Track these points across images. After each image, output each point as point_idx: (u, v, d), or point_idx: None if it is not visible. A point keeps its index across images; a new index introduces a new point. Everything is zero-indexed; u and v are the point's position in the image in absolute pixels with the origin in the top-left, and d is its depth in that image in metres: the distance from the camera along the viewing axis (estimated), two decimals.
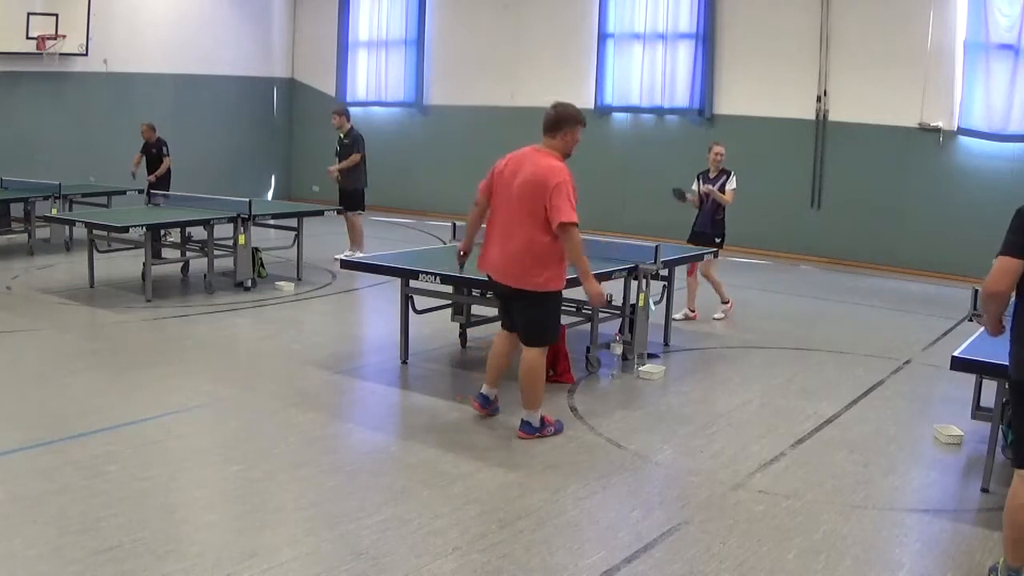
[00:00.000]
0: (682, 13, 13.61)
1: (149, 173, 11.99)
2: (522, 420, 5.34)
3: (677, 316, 8.26)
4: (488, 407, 5.62)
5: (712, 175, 8.42)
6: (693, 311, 8.67)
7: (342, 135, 11.29)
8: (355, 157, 11.06)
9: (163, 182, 11.94)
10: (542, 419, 5.33)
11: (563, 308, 7.26)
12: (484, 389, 5.62)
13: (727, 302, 8.71)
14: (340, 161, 11.16)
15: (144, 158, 12.11)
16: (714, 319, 8.53)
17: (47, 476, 4.49)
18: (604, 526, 4.24)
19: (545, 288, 5.15)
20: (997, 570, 3.87)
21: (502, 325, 5.58)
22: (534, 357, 5.24)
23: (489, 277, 5.39)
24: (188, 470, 4.74)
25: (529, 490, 4.57)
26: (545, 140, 5.17)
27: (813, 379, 6.85)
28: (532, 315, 5.24)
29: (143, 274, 8.91)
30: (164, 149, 11.98)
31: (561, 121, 5.11)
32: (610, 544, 4.03)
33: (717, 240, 8.41)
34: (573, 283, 6.39)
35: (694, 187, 8.52)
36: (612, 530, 4.18)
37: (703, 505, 4.49)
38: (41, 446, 4.89)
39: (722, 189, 8.33)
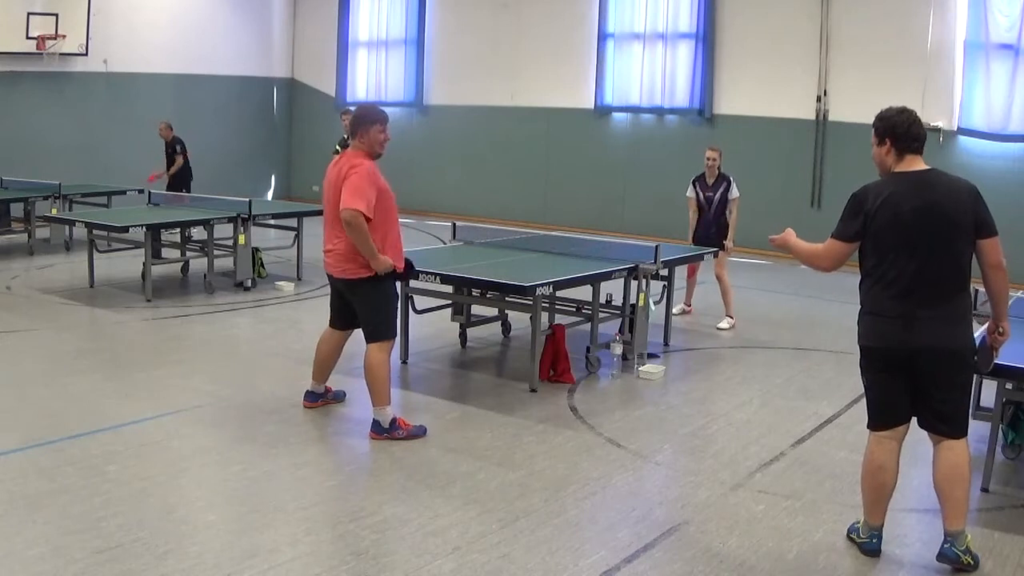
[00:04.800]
0: (682, 13, 13.60)
1: (168, 171, 12.10)
2: (372, 419, 5.28)
3: (674, 311, 8.25)
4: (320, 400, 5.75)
5: (710, 181, 8.36)
6: (689, 306, 8.80)
7: (345, 135, 11.43)
8: None
9: (181, 181, 11.95)
10: (394, 421, 5.23)
11: (562, 308, 7.34)
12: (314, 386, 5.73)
13: (732, 318, 8.42)
14: None
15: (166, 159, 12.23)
16: (718, 328, 8.32)
17: (47, 476, 4.50)
18: (604, 526, 4.24)
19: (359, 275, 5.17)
20: (857, 530, 4.05)
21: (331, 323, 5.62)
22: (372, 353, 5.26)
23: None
24: (188, 470, 4.74)
25: (529, 490, 4.57)
26: (354, 145, 5.24)
27: (813, 379, 6.85)
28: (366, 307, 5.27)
29: (143, 274, 8.91)
30: (178, 147, 12.05)
31: (355, 124, 5.22)
32: (610, 544, 4.03)
33: (730, 245, 8.37)
34: (565, 284, 6.43)
35: (689, 193, 8.48)
36: (612, 530, 4.18)
37: (703, 505, 4.49)
38: (41, 446, 4.89)
39: (724, 198, 8.28)
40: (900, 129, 3.78)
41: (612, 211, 14.26)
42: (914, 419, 3.91)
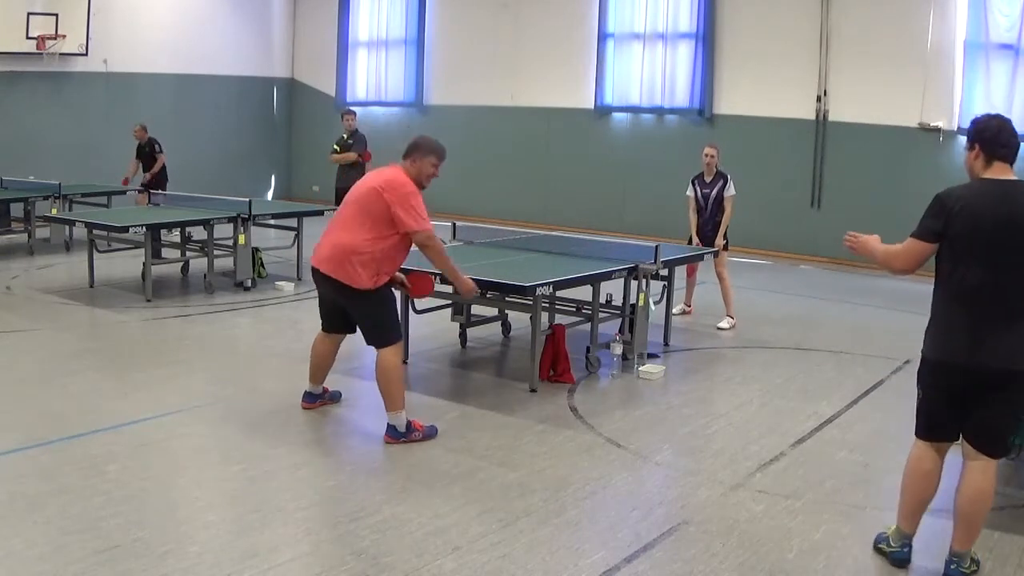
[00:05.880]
0: (682, 13, 13.60)
1: (146, 173, 12.10)
2: (387, 424, 5.20)
3: (674, 311, 8.25)
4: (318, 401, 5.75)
5: (708, 178, 8.35)
6: (689, 306, 8.79)
7: (345, 135, 11.53)
8: (350, 155, 11.32)
9: (160, 181, 11.98)
10: (409, 424, 5.19)
11: (562, 308, 7.33)
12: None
13: (732, 318, 8.38)
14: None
15: (140, 163, 12.23)
16: (718, 328, 8.30)
17: (47, 476, 4.49)
18: (604, 526, 4.24)
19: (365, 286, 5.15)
20: (887, 539, 3.99)
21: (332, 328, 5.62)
22: (385, 357, 5.19)
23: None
24: (188, 470, 4.74)
25: (529, 490, 4.57)
26: (402, 163, 5.27)
27: (813, 379, 6.85)
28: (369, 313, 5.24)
29: (143, 274, 8.91)
30: (157, 147, 12.04)
31: (414, 147, 5.26)
32: (610, 544, 4.03)
33: (722, 243, 8.37)
34: (565, 284, 6.42)
35: (688, 192, 8.47)
36: (612, 530, 4.18)
37: (703, 505, 4.49)
38: (41, 446, 4.89)
39: (720, 195, 8.27)
40: (988, 134, 3.72)
41: (612, 211, 14.25)
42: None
